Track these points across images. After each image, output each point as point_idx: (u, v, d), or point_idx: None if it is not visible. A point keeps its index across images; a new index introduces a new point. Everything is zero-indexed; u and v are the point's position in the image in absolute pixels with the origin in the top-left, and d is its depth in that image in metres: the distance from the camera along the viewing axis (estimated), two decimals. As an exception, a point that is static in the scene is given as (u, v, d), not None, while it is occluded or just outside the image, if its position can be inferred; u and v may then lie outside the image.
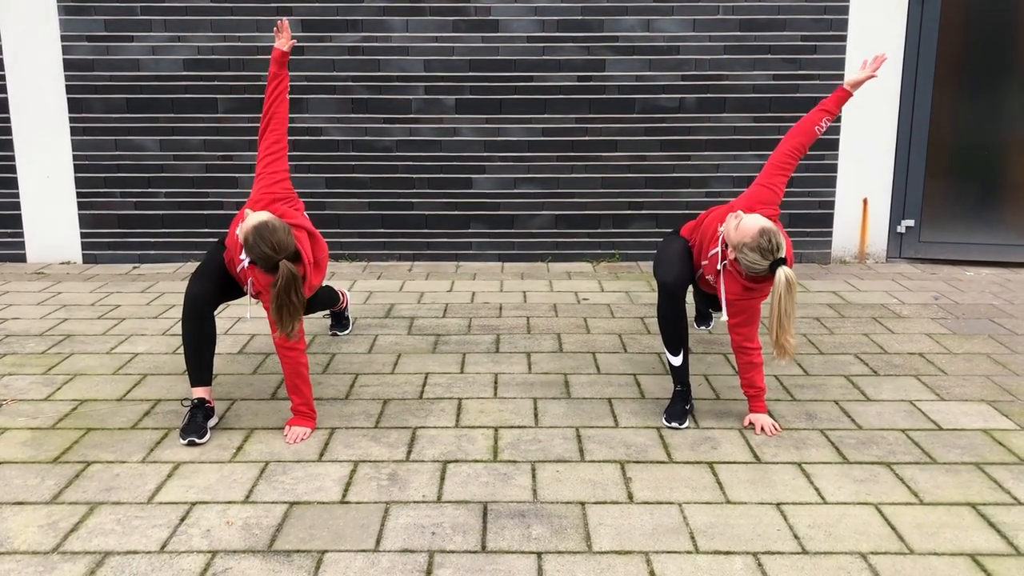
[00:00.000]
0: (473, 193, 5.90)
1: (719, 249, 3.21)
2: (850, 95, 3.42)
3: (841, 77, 5.72)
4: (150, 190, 5.85)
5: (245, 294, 3.47)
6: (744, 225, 3.02)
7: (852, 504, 2.74)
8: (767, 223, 3.00)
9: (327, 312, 4.45)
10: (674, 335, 3.33)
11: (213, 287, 3.28)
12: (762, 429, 3.25)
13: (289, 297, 2.99)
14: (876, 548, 2.50)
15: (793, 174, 5.84)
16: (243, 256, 3.19)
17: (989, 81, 5.68)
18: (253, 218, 3.03)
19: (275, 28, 3.54)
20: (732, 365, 3.96)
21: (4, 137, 5.78)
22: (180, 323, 3.45)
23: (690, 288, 3.50)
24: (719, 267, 3.22)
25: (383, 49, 5.71)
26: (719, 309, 3.84)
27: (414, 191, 5.89)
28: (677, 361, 3.37)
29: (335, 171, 5.85)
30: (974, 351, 4.15)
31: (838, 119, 5.77)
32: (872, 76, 3.42)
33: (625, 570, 2.39)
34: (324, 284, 4.17)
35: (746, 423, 3.30)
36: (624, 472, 2.95)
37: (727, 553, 2.47)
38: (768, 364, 3.96)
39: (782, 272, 2.95)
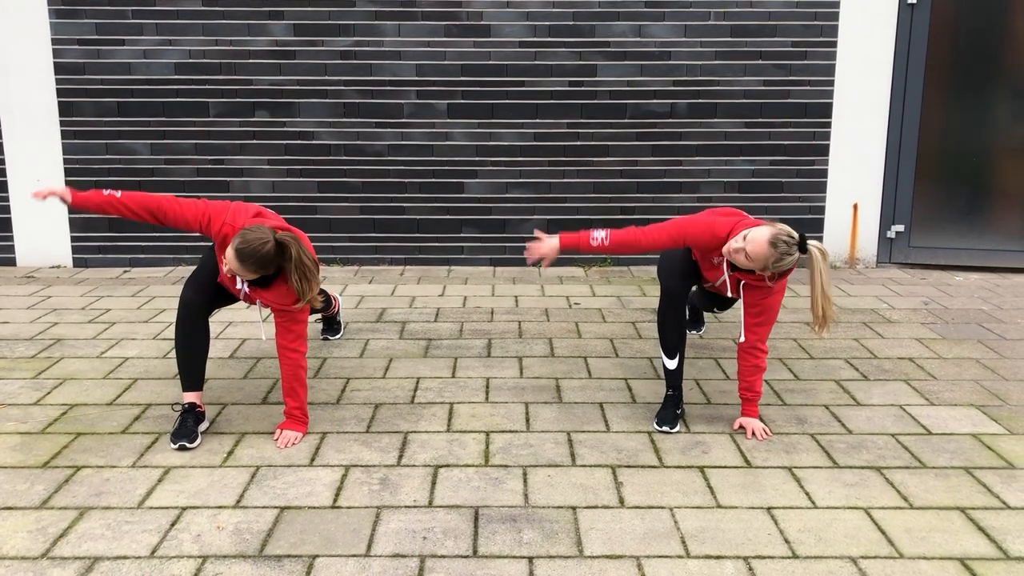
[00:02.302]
0: (465, 197, 5.90)
1: (727, 275, 3.22)
2: None
3: (831, 83, 5.75)
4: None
5: (227, 300, 3.49)
6: (756, 252, 2.99)
7: (842, 508, 2.75)
8: (765, 233, 2.99)
9: (319, 316, 4.44)
10: (673, 338, 3.34)
11: (208, 293, 3.27)
12: (753, 433, 3.26)
13: (304, 263, 3.01)
14: (866, 552, 2.51)
15: (784, 180, 5.87)
16: (242, 285, 3.17)
17: (978, 87, 5.71)
18: (228, 255, 2.99)
19: None
20: (723, 370, 3.97)
21: (-6, 140, 5.77)
22: (173, 327, 3.45)
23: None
24: (740, 286, 3.23)
25: (375, 53, 5.71)
26: (723, 309, 3.84)
27: (406, 195, 5.89)
28: (672, 364, 3.37)
29: (326, 175, 5.85)
30: (963, 356, 4.17)
31: (829, 124, 5.80)
32: None
33: (616, 575, 2.40)
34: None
35: (736, 426, 3.31)
36: (615, 476, 2.95)
37: (718, 557, 2.48)
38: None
39: (813, 248, 2.98)
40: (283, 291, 3.14)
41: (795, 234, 3.01)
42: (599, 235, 3.22)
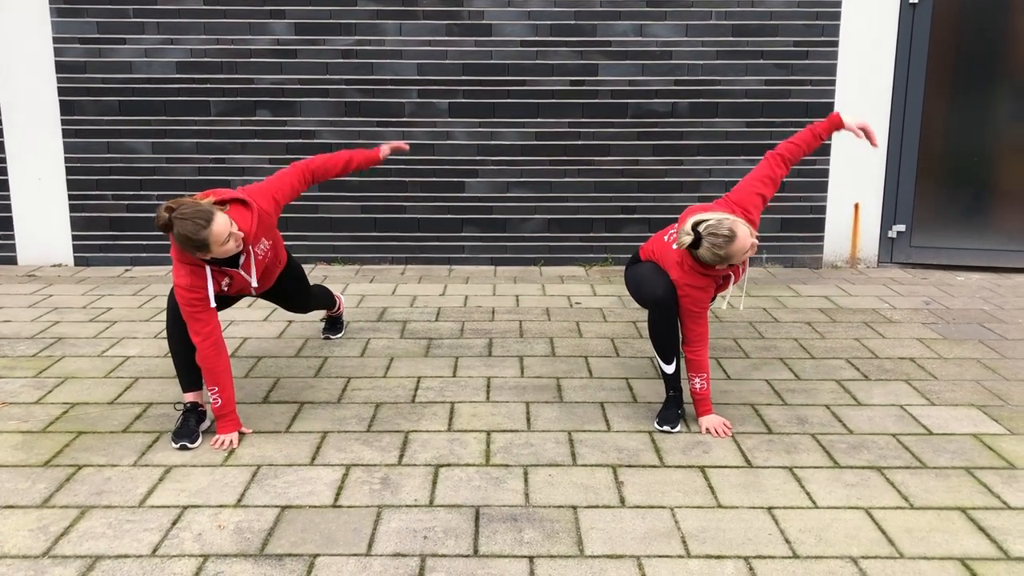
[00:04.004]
0: (466, 197, 5.90)
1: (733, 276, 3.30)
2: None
3: (832, 83, 5.75)
4: (142, 192, 5.84)
5: (229, 304, 3.49)
6: (748, 240, 3.09)
7: (843, 508, 2.75)
8: (729, 238, 3.07)
9: (323, 316, 4.45)
10: (668, 345, 3.33)
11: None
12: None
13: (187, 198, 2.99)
14: (866, 552, 2.51)
15: (785, 179, 5.86)
16: (248, 274, 3.16)
17: (980, 87, 5.71)
18: (217, 234, 2.96)
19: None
20: (723, 369, 3.97)
21: (-5, 139, 5.77)
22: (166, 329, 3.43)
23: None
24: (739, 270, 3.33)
25: (376, 53, 5.71)
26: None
27: (407, 194, 5.89)
28: (671, 369, 3.37)
29: (328, 174, 5.84)
30: (964, 356, 4.17)
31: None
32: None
33: (617, 574, 2.40)
34: (320, 285, 4.17)
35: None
36: (616, 476, 2.95)
37: (718, 557, 2.48)
38: (760, 368, 3.98)
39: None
40: (240, 217, 3.08)
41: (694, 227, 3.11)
42: (696, 383, 3.33)
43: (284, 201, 3.34)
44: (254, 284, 3.24)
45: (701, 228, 3.05)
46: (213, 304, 3.12)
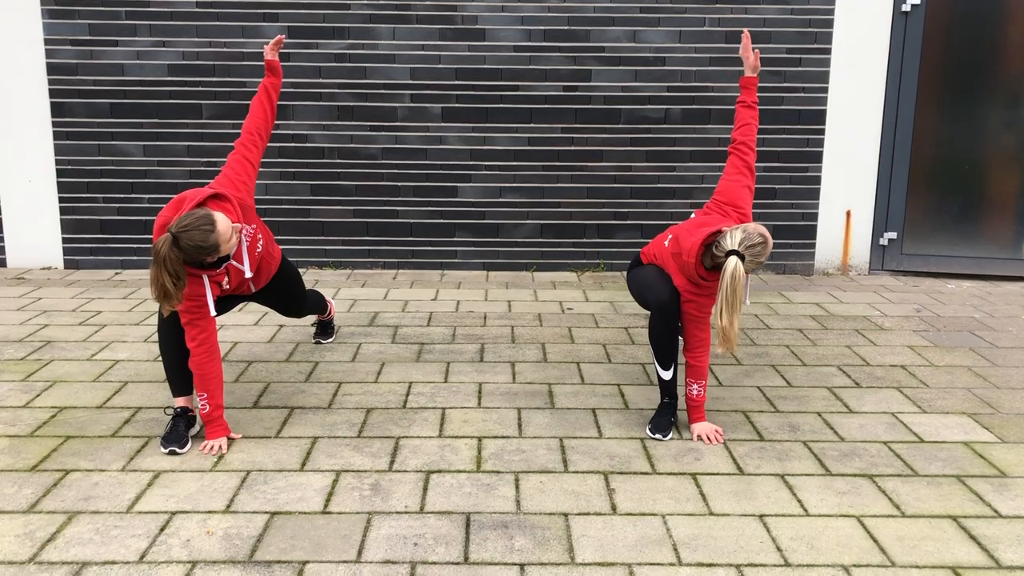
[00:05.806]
0: (458, 202, 5.89)
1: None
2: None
3: (825, 89, 5.76)
4: (133, 195, 5.81)
5: (228, 308, 3.47)
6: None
7: (834, 516, 2.75)
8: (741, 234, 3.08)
9: (314, 320, 4.43)
10: (668, 351, 3.32)
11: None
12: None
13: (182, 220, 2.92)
14: (858, 561, 2.50)
15: (777, 186, 5.89)
16: (247, 270, 3.17)
17: (971, 95, 5.73)
18: (223, 232, 2.96)
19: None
20: (715, 376, 3.97)
21: (-15, 140, 5.74)
22: (157, 334, 3.42)
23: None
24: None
25: (369, 56, 5.71)
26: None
27: (399, 199, 5.88)
28: (668, 376, 3.36)
29: (320, 178, 5.84)
30: (955, 364, 4.17)
31: (822, 131, 5.81)
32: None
33: (608, 582, 2.39)
34: (314, 290, 4.16)
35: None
36: (607, 483, 2.94)
37: (710, 565, 2.47)
38: (751, 375, 3.98)
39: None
40: (224, 209, 3.07)
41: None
42: (695, 389, 3.32)
43: (251, 180, 3.36)
44: (248, 274, 3.21)
45: (739, 248, 2.99)
46: (214, 313, 3.10)
